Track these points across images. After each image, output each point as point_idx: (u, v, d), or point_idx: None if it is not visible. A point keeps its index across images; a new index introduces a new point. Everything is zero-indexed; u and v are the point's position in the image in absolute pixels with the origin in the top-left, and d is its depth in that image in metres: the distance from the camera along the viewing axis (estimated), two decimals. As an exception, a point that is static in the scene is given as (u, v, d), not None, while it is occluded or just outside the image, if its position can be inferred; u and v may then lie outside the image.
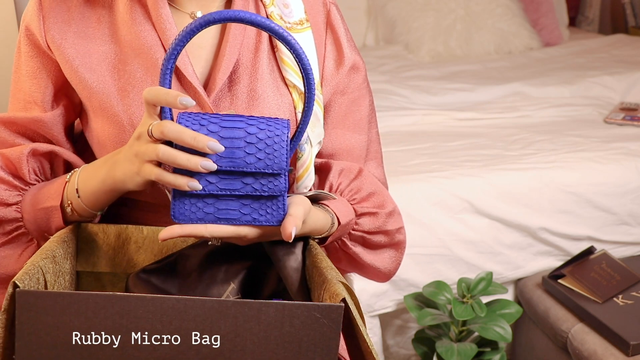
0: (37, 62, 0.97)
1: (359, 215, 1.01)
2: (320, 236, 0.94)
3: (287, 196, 0.86)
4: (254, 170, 0.81)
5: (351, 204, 1.01)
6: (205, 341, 0.70)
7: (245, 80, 0.97)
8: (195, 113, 0.82)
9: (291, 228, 0.81)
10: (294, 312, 0.70)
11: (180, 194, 0.81)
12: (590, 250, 1.89)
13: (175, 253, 0.91)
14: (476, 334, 1.83)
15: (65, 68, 0.95)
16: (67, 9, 0.96)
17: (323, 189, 1.02)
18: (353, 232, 1.00)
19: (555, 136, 2.17)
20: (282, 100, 0.99)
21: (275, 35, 0.80)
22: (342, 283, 0.79)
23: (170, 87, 0.81)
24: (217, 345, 0.70)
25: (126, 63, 0.94)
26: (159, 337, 0.70)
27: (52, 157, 0.99)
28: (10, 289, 0.70)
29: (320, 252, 0.88)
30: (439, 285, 1.78)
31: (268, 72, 0.99)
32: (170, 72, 0.81)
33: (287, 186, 0.83)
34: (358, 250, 1.01)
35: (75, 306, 0.68)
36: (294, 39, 0.81)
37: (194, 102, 0.79)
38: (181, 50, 0.80)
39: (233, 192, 0.81)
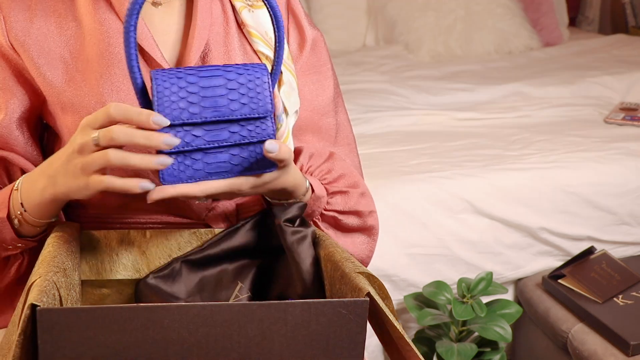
0: None
1: (330, 194, 1.00)
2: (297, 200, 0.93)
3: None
4: (239, 116, 0.78)
5: (322, 184, 1.00)
6: (233, 346, 0.69)
7: (219, 62, 0.97)
8: (169, 69, 0.79)
9: (272, 142, 0.78)
10: (320, 310, 0.70)
11: (166, 153, 0.77)
12: (590, 250, 1.89)
13: (180, 257, 0.91)
14: (476, 334, 1.83)
15: (30, 67, 0.94)
16: (27, 7, 0.94)
17: None
18: (325, 212, 1.00)
19: (555, 136, 2.17)
20: None
21: None
22: (362, 273, 0.79)
23: (135, 43, 0.76)
24: (245, 349, 0.69)
25: (90, 52, 0.93)
26: (186, 346, 0.68)
27: (6, 163, 0.97)
28: (27, 311, 0.67)
29: (331, 244, 0.87)
30: (439, 285, 1.78)
31: (241, 53, 1.00)
32: (134, 28, 0.76)
33: (274, 130, 0.81)
34: (330, 232, 1.01)
35: (100, 321, 0.67)
36: None
37: (168, 121, 0.76)
38: (137, 17, 0.75)
39: (221, 144, 0.78)
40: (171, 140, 0.76)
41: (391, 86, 2.61)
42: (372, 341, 1.80)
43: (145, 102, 0.79)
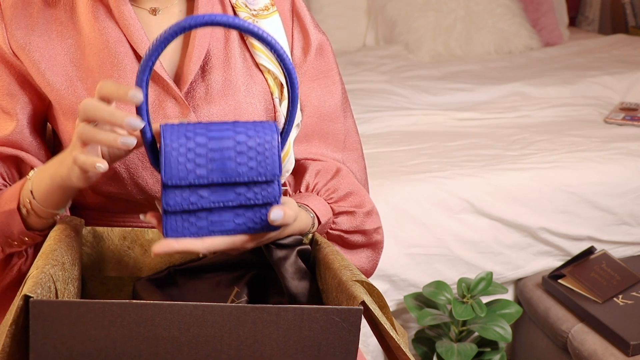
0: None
1: (336, 214, 1.00)
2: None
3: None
4: (246, 179, 0.78)
5: (328, 203, 1.00)
6: (224, 348, 0.69)
7: (219, 70, 0.97)
8: (178, 124, 0.78)
9: (276, 211, 0.78)
10: (312, 316, 0.69)
11: (171, 210, 0.77)
12: (590, 250, 1.89)
13: (176, 265, 0.91)
14: (476, 334, 1.83)
15: (33, 72, 0.94)
16: (29, 15, 0.95)
17: (299, 189, 1.02)
18: (331, 231, 1.00)
19: (555, 136, 2.17)
20: (257, 87, 0.99)
21: (253, 35, 0.77)
22: (359, 282, 0.78)
23: (147, 98, 0.77)
24: (236, 351, 0.69)
25: (91, 61, 0.94)
26: (176, 345, 0.68)
27: (18, 162, 0.98)
28: (19, 302, 0.68)
29: (331, 252, 0.87)
30: (439, 285, 1.78)
31: (241, 61, 0.99)
32: (146, 84, 0.76)
33: (280, 192, 0.80)
34: (336, 248, 1.00)
35: (91, 315, 0.67)
36: (274, 39, 0.77)
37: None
38: (156, 61, 0.76)
39: (226, 204, 0.78)
40: (135, 122, 0.75)
41: (391, 86, 2.61)
42: (372, 341, 1.80)
43: (154, 155, 0.80)
